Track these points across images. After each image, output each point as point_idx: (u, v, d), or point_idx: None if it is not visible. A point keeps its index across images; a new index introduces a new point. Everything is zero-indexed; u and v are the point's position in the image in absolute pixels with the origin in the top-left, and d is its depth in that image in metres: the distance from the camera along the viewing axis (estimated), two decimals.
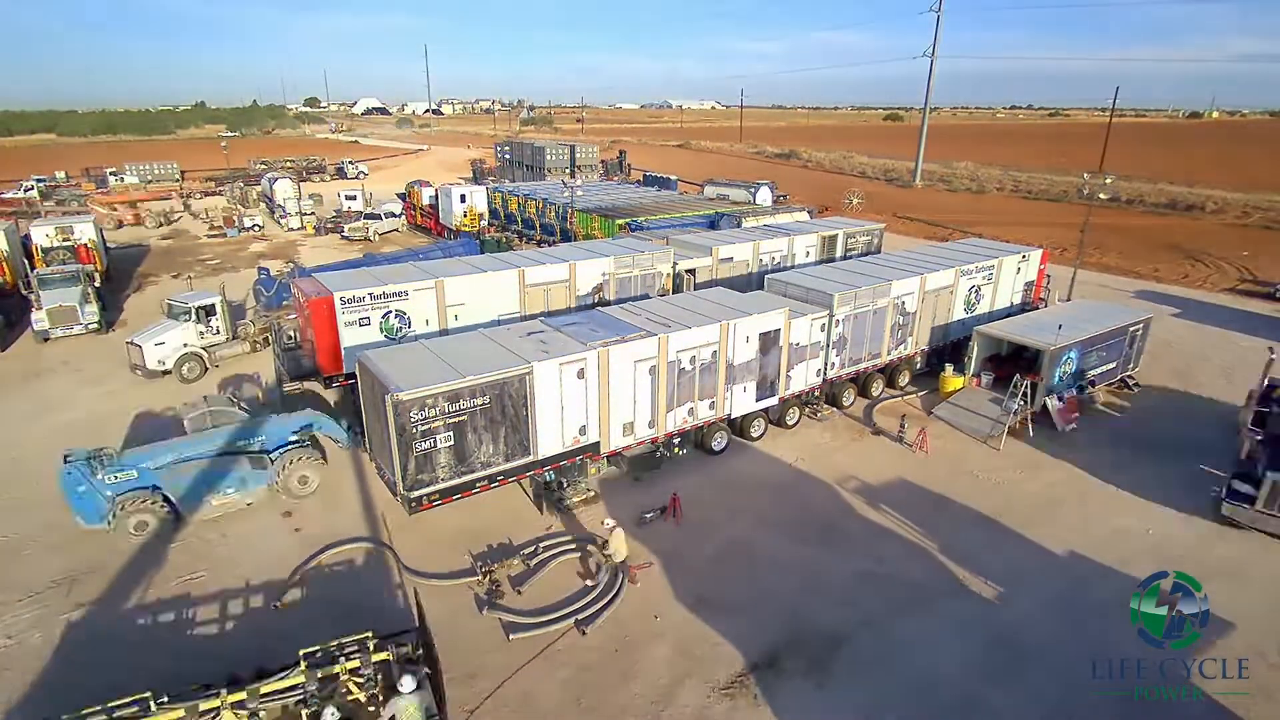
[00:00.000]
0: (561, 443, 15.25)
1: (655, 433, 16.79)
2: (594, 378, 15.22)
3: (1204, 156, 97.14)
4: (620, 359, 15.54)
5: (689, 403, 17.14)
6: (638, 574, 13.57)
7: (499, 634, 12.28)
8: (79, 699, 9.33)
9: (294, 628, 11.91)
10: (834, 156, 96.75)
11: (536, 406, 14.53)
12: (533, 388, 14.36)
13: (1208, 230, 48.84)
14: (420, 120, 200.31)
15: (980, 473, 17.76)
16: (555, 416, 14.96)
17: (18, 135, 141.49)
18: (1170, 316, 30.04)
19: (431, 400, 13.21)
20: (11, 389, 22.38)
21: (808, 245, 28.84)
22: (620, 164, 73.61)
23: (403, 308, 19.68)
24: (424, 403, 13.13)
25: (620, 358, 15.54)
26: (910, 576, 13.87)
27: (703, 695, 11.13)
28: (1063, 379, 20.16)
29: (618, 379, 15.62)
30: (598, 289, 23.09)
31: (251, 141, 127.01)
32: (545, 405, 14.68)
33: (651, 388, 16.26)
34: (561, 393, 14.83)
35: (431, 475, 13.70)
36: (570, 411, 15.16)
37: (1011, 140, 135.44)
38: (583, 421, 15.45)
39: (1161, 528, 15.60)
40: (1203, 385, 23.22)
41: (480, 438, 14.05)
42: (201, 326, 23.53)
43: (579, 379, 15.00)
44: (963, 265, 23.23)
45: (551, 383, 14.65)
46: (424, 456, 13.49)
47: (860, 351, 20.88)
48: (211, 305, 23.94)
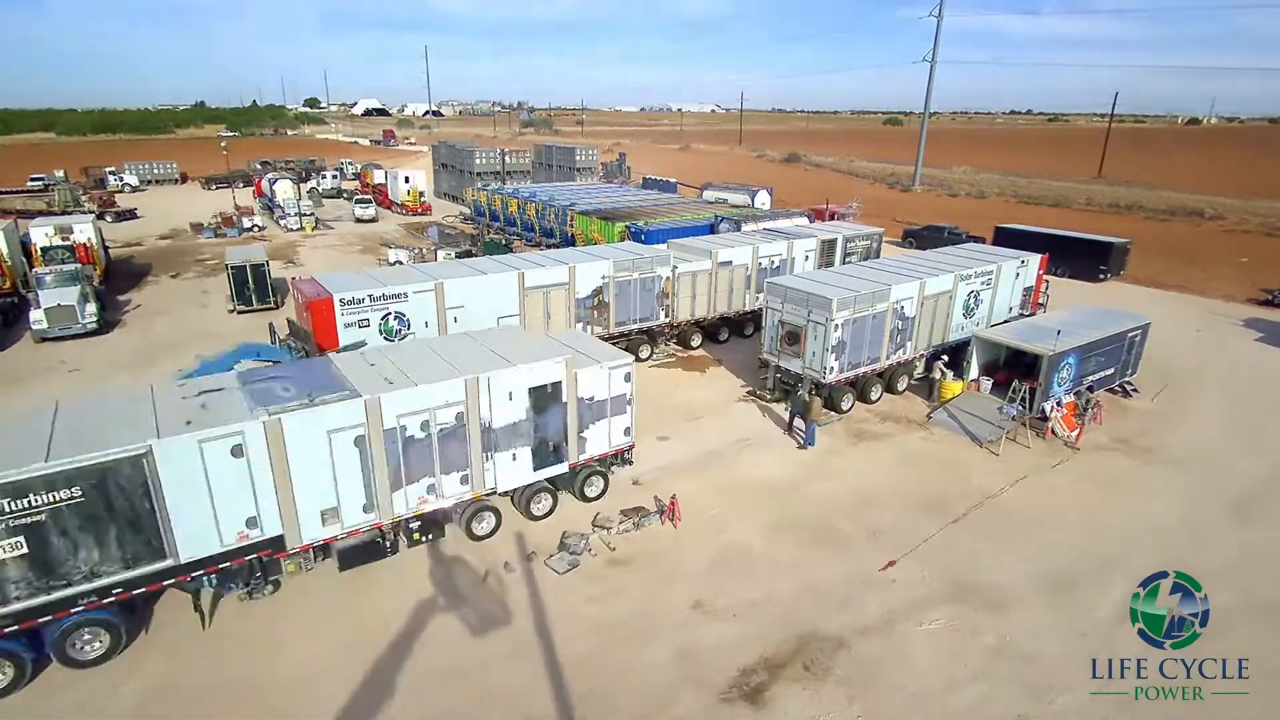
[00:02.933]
0: (219, 540, 11.79)
1: (378, 518, 13.22)
2: (261, 454, 11.68)
3: (1204, 161, 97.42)
4: (304, 429, 11.97)
5: (427, 478, 13.60)
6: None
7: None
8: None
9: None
10: (833, 160, 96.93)
11: (167, 496, 11.06)
12: (157, 472, 10.88)
13: (1207, 235, 48.99)
14: (420, 122, 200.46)
15: (979, 477, 17.79)
16: (202, 507, 11.46)
17: (16, 134, 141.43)
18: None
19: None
20: (9, 390, 22.33)
21: (807, 249, 28.92)
22: (620, 166, 73.78)
23: (402, 309, 19.74)
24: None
25: (303, 427, 11.96)
26: (909, 581, 13.87)
27: (701, 700, 11.11)
28: (1061, 384, 20.21)
29: (304, 454, 12.07)
30: (597, 293, 23.15)
31: (252, 142, 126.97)
32: (182, 493, 11.19)
33: (363, 463, 12.76)
34: (208, 476, 11.33)
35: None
36: (227, 499, 11.64)
37: (1009, 145, 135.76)
38: (250, 511, 11.95)
39: (1160, 526, 15.63)
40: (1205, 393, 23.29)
41: (76, 541, 10.65)
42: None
43: (235, 457, 11.47)
44: (961, 271, 23.28)
45: (188, 464, 11.12)
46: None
47: (859, 356, 20.91)
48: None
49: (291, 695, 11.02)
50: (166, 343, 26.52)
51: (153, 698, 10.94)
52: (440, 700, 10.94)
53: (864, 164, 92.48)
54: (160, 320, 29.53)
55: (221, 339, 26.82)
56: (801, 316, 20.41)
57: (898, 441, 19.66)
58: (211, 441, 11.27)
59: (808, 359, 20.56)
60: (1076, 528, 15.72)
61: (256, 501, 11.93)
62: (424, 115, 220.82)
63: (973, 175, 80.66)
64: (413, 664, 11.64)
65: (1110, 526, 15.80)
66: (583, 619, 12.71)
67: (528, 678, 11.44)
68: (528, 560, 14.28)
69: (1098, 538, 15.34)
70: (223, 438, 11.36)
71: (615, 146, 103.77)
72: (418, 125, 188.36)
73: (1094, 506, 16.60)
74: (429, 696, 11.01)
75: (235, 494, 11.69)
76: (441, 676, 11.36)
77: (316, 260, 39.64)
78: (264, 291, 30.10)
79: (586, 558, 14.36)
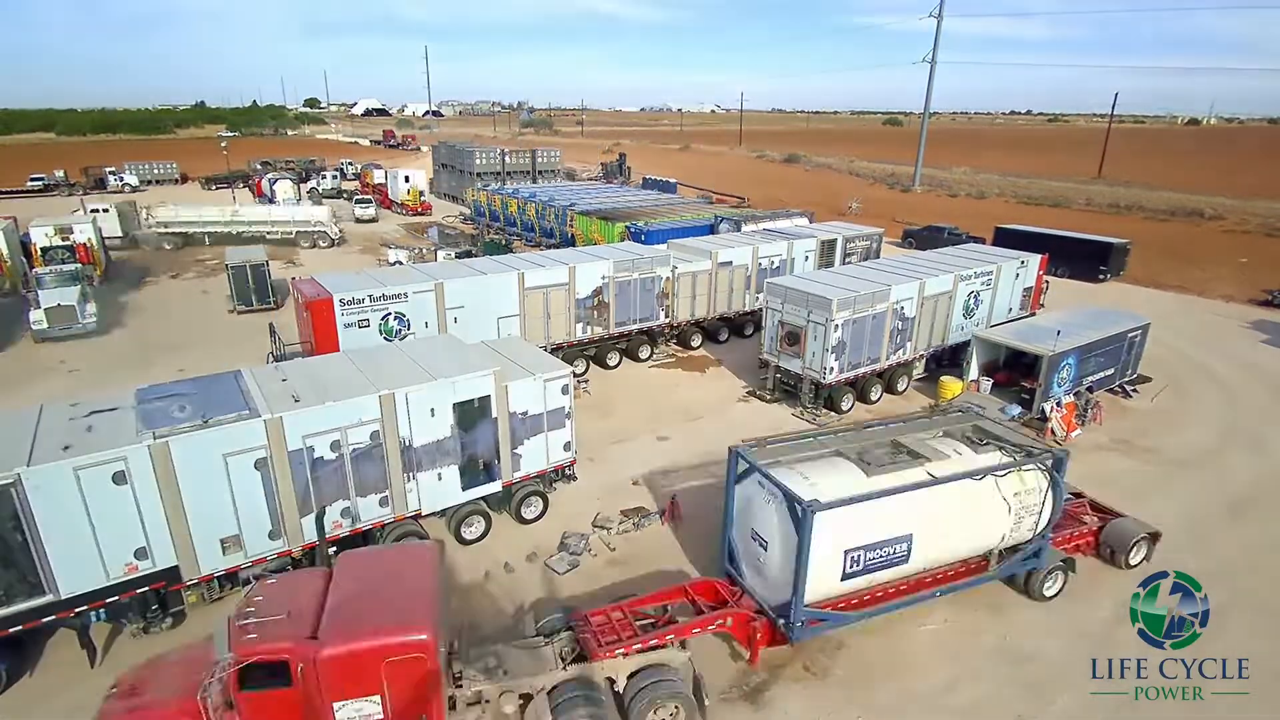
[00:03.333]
0: (104, 574, 10.93)
1: (285, 545, 12.42)
2: (147, 481, 10.87)
3: (1204, 162, 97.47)
4: (196, 452, 11.17)
5: (342, 501, 12.80)
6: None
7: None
8: None
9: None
10: (834, 160, 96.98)
11: (41, 527, 10.23)
12: (28, 502, 10.07)
13: (1207, 236, 49.01)
14: (420, 122, 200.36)
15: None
16: (83, 539, 10.59)
17: (16, 134, 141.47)
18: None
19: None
20: (9, 391, 22.33)
21: (807, 250, 28.92)
22: (621, 166, 73.79)
23: (402, 310, 19.74)
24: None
25: (195, 451, 11.16)
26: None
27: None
28: (1060, 384, 20.21)
29: (198, 479, 11.27)
30: (597, 293, 23.16)
31: (252, 142, 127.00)
32: (58, 524, 10.35)
33: (266, 488, 11.91)
34: (87, 506, 10.49)
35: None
36: (111, 530, 10.77)
37: (1009, 145, 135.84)
38: (139, 542, 11.08)
39: (1160, 526, 15.60)
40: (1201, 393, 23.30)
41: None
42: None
43: (117, 484, 10.65)
44: (961, 271, 23.28)
45: (64, 493, 10.29)
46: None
47: (859, 356, 20.91)
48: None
49: None
50: (166, 343, 26.51)
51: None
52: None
53: (864, 164, 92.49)
54: (160, 320, 29.53)
55: (222, 339, 26.89)
56: (801, 317, 20.42)
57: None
58: (89, 469, 10.38)
59: (808, 359, 20.57)
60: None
61: (146, 532, 11.03)
62: (424, 115, 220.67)
63: (972, 176, 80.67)
64: None
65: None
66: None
67: None
68: (528, 561, 14.30)
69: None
70: (102, 464, 10.47)
71: (615, 146, 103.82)
72: (418, 125, 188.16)
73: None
74: None
75: (120, 524, 10.82)
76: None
77: (316, 260, 39.66)
78: (264, 291, 30.12)
79: (586, 558, 14.37)
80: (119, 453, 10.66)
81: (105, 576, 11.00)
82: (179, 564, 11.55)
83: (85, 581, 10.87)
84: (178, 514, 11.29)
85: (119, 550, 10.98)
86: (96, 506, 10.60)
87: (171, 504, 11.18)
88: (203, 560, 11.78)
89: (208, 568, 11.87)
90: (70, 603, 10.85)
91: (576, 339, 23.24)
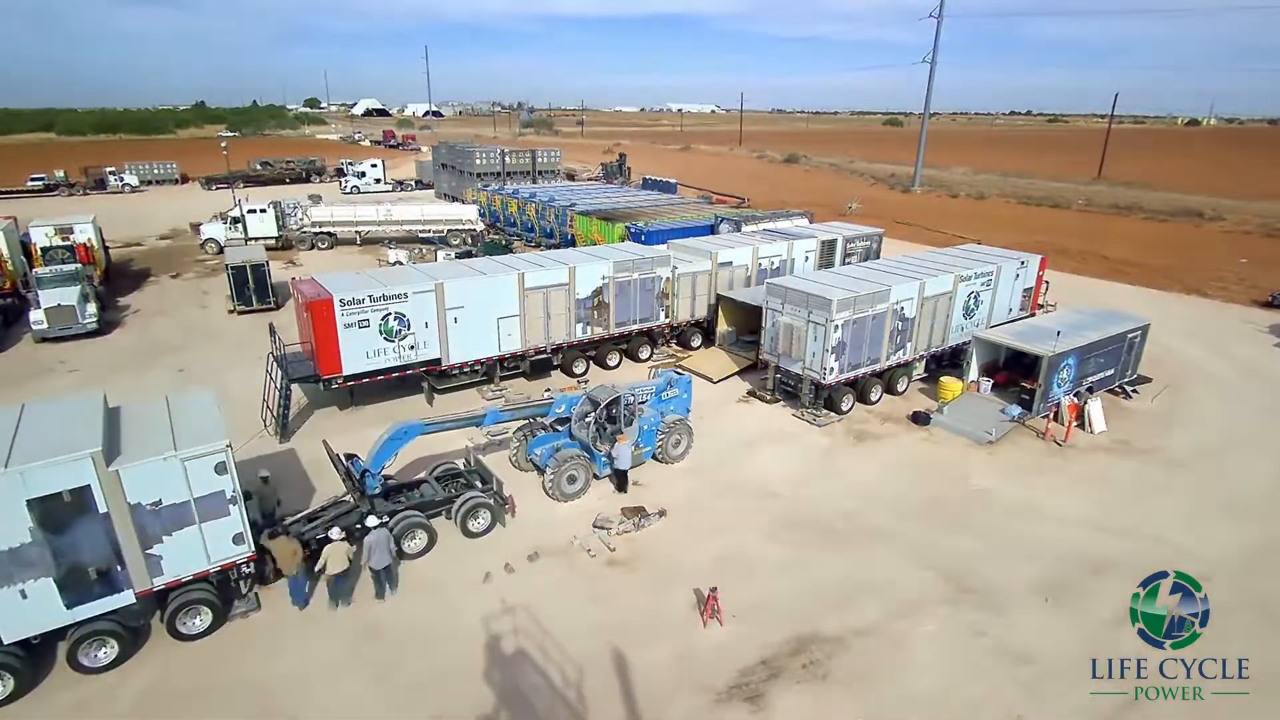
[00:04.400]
0: None
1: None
2: None
3: (1204, 162, 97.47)
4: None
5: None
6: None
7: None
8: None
9: None
10: (834, 161, 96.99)
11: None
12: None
13: (1207, 236, 49.02)
14: (420, 122, 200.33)
15: (979, 478, 17.79)
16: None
17: (16, 134, 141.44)
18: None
19: None
20: (8, 391, 22.32)
21: (807, 250, 28.92)
22: (621, 167, 73.78)
23: (402, 310, 19.74)
24: None
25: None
26: (907, 583, 13.88)
27: (701, 701, 11.11)
28: (1060, 385, 20.21)
29: None
30: (597, 293, 23.18)
31: (252, 142, 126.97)
32: None
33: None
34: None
35: None
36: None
37: (1009, 146, 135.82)
38: None
39: (1160, 526, 15.63)
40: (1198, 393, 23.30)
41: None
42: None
43: None
44: (961, 272, 23.28)
45: None
46: None
47: (859, 357, 20.91)
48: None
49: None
50: (166, 343, 26.53)
51: (150, 698, 10.96)
52: (441, 700, 10.96)
53: (864, 164, 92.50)
54: (160, 321, 29.53)
55: (222, 340, 26.91)
56: (801, 317, 20.43)
57: (898, 442, 19.67)
58: None
59: (808, 359, 20.58)
60: (1076, 528, 15.74)
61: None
62: (424, 115, 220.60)
63: (972, 176, 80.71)
64: (413, 665, 11.66)
65: (1110, 527, 15.81)
66: (583, 619, 12.72)
67: (528, 679, 11.45)
68: (529, 561, 14.31)
69: (1098, 538, 15.36)
70: None
71: (615, 147, 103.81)
72: (418, 125, 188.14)
73: (1094, 507, 16.62)
74: (430, 696, 11.03)
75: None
76: (442, 677, 11.38)
77: (316, 260, 39.67)
78: (264, 292, 30.10)
79: (586, 558, 14.37)
80: None
81: None
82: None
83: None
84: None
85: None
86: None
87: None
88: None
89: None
90: None
91: (576, 339, 23.25)
